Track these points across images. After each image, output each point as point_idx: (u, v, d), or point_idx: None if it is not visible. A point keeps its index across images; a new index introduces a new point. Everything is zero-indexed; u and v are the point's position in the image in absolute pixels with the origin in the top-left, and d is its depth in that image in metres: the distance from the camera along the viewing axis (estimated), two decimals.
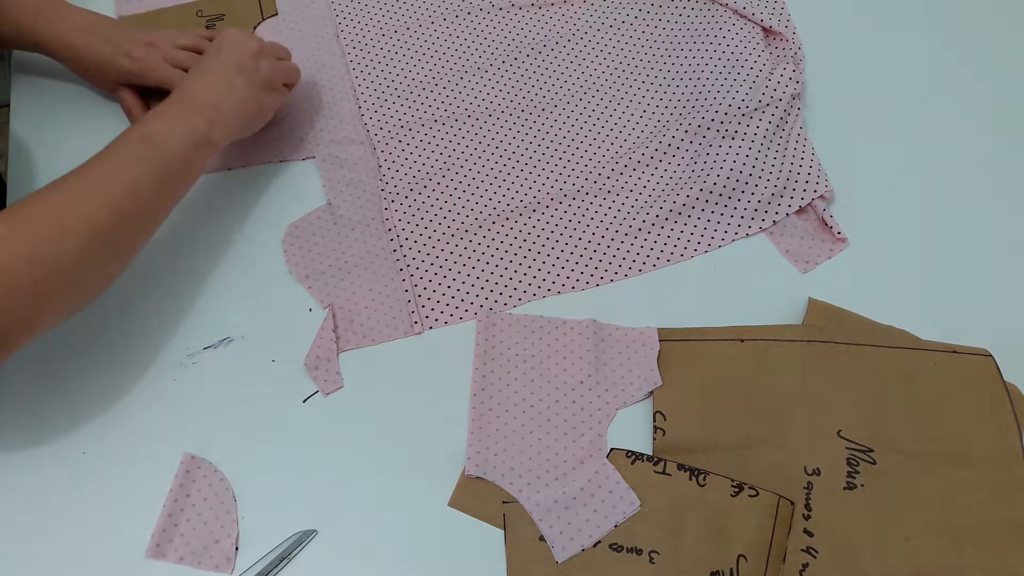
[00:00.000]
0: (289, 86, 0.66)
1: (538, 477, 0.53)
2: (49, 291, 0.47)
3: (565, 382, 0.57)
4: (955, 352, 0.58)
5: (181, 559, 0.51)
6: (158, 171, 0.53)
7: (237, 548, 0.51)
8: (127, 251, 0.53)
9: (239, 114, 0.59)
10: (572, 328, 0.59)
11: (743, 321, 0.59)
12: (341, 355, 0.58)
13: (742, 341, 0.58)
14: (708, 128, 0.67)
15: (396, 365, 0.58)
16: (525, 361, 0.58)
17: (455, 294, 0.61)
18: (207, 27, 0.73)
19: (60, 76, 0.69)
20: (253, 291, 0.61)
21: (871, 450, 0.54)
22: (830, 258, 0.63)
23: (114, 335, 0.58)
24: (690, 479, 0.53)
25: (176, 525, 0.52)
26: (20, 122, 0.67)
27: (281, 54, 0.65)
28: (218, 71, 0.59)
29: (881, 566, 0.51)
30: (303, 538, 0.51)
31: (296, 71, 0.66)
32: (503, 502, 0.53)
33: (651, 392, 0.56)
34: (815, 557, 0.51)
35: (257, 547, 0.51)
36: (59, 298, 0.48)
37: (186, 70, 0.64)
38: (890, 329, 0.59)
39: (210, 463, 0.54)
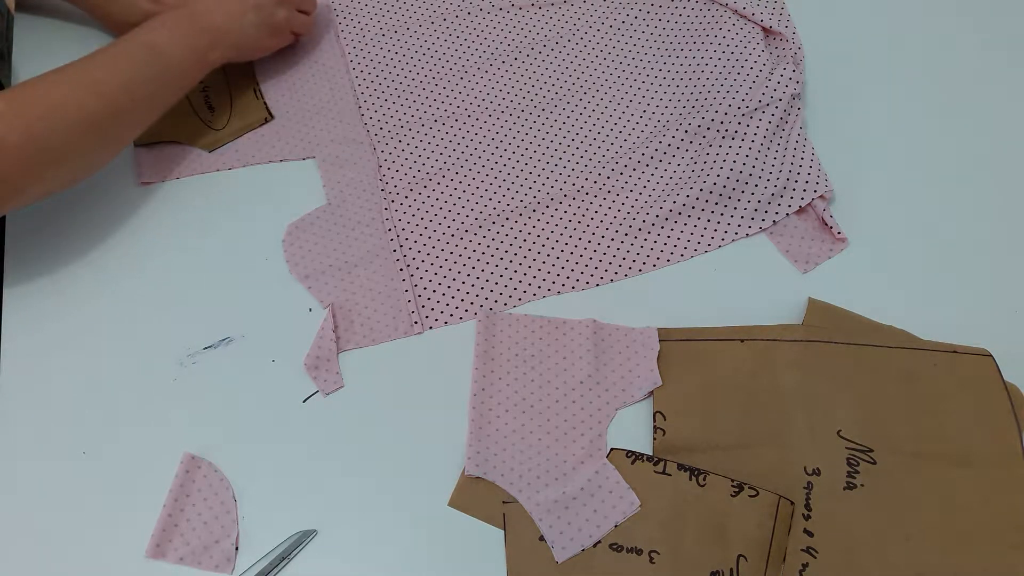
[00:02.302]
0: (298, 35, 0.69)
1: (538, 477, 0.53)
2: (39, 165, 0.51)
3: (565, 382, 0.57)
4: (955, 352, 0.58)
5: (181, 559, 0.51)
6: (154, 76, 0.57)
7: (237, 548, 0.51)
8: (115, 142, 0.57)
9: (238, 45, 0.63)
10: (572, 328, 0.59)
11: (743, 321, 0.59)
12: (341, 355, 0.58)
13: (742, 341, 0.58)
14: (708, 128, 0.67)
15: (396, 365, 0.58)
16: (525, 361, 0.58)
17: (455, 294, 0.61)
18: None
19: None
20: (253, 291, 0.61)
21: (871, 450, 0.54)
22: (830, 258, 0.63)
23: (114, 335, 0.58)
24: (690, 479, 0.53)
25: (176, 525, 0.52)
26: None
27: (304, 6, 0.68)
28: (237, 1, 0.62)
29: (881, 566, 0.51)
30: (303, 538, 0.51)
31: (309, 24, 0.70)
32: (503, 502, 0.53)
33: (651, 392, 0.56)
34: (815, 557, 0.51)
35: (257, 547, 0.51)
36: (48, 173, 0.52)
37: None
38: (890, 329, 0.59)
39: (210, 463, 0.54)
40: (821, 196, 0.64)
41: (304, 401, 0.56)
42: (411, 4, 0.76)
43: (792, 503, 0.52)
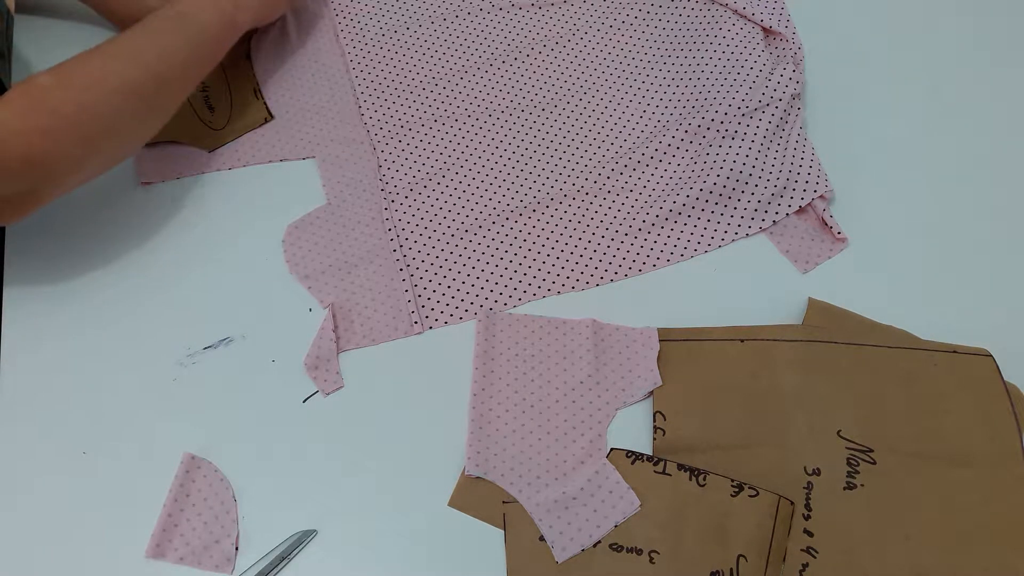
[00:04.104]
0: None
1: (538, 477, 0.53)
2: (94, 135, 0.53)
3: (565, 382, 0.57)
4: (955, 352, 0.58)
5: (181, 559, 0.51)
6: (188, 42, 0.59)
7: (237, 548, 0.51)
8: (159, 111, 0.58)
9: (260, 4, 0.65)
10: (572, 328, 0.59)
11: (743, 321, 0.59)
12: (341, 355, 0.58)
13: (742, 341, 0.58)
14: (708, 128, 0.67)
15: (396, 365, 0.58)
16: (525, 361, 0.58)
17: (455, 294, 0.61)
18: None
19: None
20: (253, 291, 0.61)
21: (871, 450, 0.54)
22: (830, 258, 0.63)
23: (114, 335, 0.58)
24: (690, 479, 0.53)
25: (176, 525, 0.52)
26: None
27: None
28: None
29: (881, 566, 0.51)
30: (303, 538, 0.51)
31: None
32: (503, 502, 0.53)
33: (651, 392, 0.56)
34: (815, 557, 0.51)
35: (257, 547, 0.51)
36: (103, 144, 0.54)
37: None
38: (890, 329, 0.59)
39: (210, 463, 0.54)
40: (821, 196, 0.64)
41: (304, 401, 0.56)
42: (411, 4, 0.76)
43: (792, 503, 0.52)
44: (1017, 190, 0.67)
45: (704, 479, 0.53)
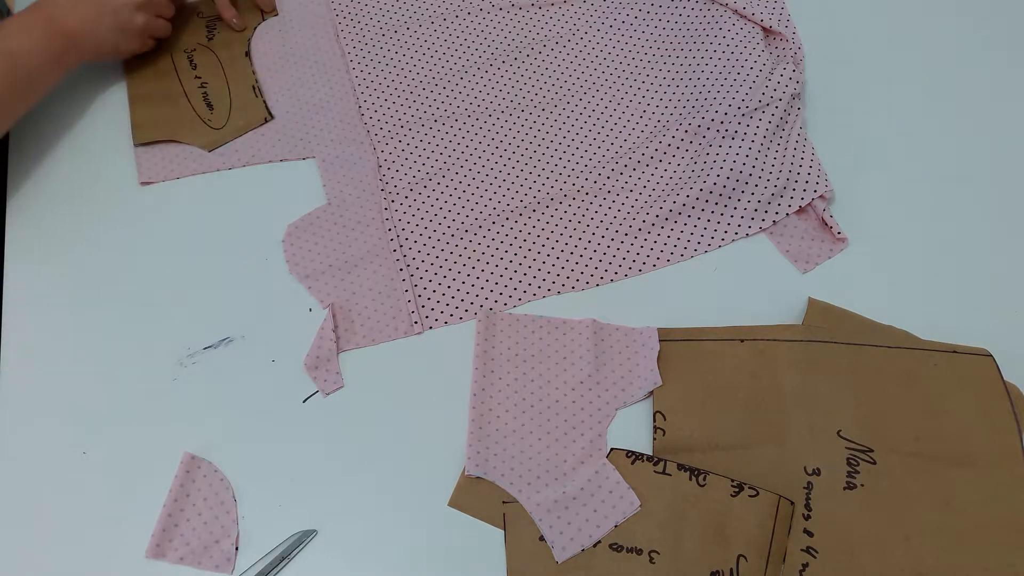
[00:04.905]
0: (158, 40, 0.70)
1: (538, 477, 0.53)
2: None
3: (565, 382, 0.57)
4: (955, 352, 0.58)
5: (181, 559, 0.51)
6: (13, 84, 0.59)
7: (237, 548, 0.51)
8: None
9: (95, 49, 0.65)
10: (572, 328, 0.59)
11: (743, 321, 0.59)
12: (341, 355, 0.58)
13: (742, 341, 0.58)
14: (708, 128, 0.67)
15: (396, 365, 0.58)
16: (525, 361, 0.58)
17: (455, 294, 0.61)
18: (207, 28, 0.73)
19: None
20: (253, 291, 0.61)
21: (871, 450, 0.54)
22: (830, 258, 0.63)
23: (114, 335, 0.58)
24: (690, 479, 0.53)
25: (176, 525, 0.52)
26: None
27: (162, 11, 0.69)
28: (94, 5, 0.63)
29: (881, 566, 0.51)
30: (303, 538, 0.51)
31: (169, 29, 0.70)
32: (503, 502, 0.53)
33: (651, 392, 0.56)
34: (815, 557, 0.51)
35: (257, 547, 0.51)
36: None
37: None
38: (890, 329, 0.59)
39: (210, 463, 0.54)
40: (821, 196, 0.64)
41: (304, 401, 0.56)
42: (411, 4, 0.76)
43: (792, 503, 0.52)
44: (1017, 190, 0.67)
45: (704, 479, 0.53)
